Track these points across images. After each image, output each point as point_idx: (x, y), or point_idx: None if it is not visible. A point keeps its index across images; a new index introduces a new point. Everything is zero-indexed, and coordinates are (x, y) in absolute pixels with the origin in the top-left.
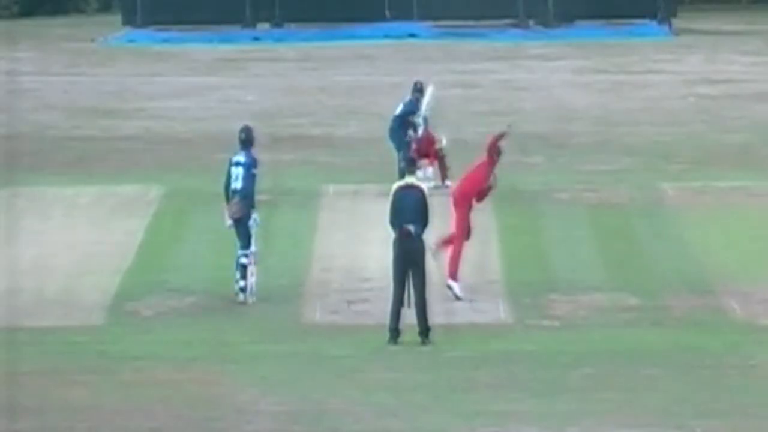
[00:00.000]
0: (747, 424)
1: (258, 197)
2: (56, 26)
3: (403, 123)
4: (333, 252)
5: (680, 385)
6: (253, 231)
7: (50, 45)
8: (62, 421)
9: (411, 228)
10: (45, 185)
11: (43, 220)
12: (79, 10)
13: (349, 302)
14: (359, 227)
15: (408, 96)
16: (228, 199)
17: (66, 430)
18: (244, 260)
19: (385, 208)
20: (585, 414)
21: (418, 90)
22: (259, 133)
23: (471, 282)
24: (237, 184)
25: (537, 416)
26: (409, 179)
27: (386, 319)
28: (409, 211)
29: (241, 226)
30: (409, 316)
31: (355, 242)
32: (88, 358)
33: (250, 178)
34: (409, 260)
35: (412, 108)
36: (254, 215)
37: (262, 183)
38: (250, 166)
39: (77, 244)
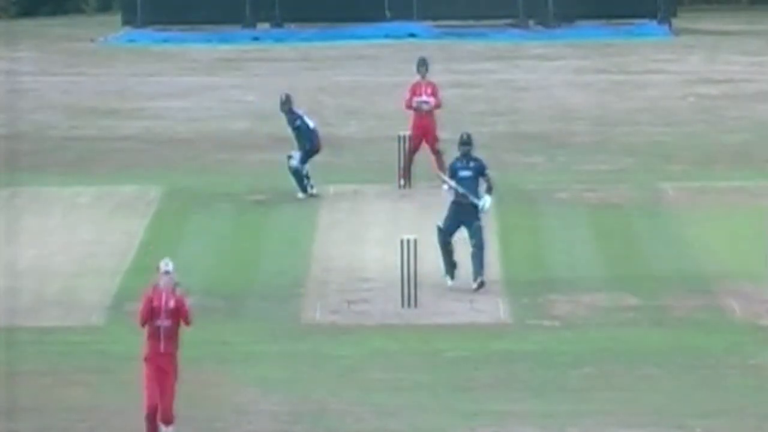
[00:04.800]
0: (747, 424)
1: (259, 196)
2: (56, 26)
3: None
4: (333, 252)
5: (680, 385)
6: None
7: (50, 45)
8: (62, 421)
9: None
10: (45, 185)
11: (43, 220)
12: (79, 10)
13: (349, 302)
14: (359, 227)
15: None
16: None
17: (66, 430)
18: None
19: (384, 207)
20: (585, 414)
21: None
22: (259, 133)
23: (471, 282)
24: None
25: (537, 416)
26: None
27: (386, 320)
28: None
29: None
30: (408, 316)
31: (355, 242)
32: (88, 358)
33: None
34: None
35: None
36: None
37: (262, 183)
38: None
39: (77, 244)
